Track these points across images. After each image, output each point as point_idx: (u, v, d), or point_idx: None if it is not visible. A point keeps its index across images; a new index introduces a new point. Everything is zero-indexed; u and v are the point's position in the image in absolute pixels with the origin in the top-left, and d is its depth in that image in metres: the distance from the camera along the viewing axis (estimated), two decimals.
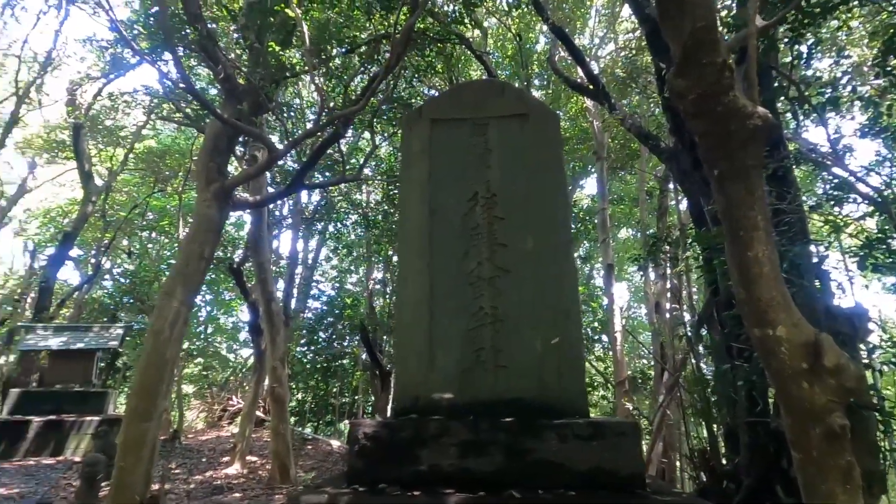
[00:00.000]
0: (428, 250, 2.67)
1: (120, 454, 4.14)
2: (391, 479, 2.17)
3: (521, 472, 2.10)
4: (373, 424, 2.30)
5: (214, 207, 4.96)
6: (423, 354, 2.50)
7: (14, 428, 8.94)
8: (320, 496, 2.04)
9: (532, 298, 2.51)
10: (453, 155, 2.83)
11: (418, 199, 2.77)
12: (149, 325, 12.32)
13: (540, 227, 2.64)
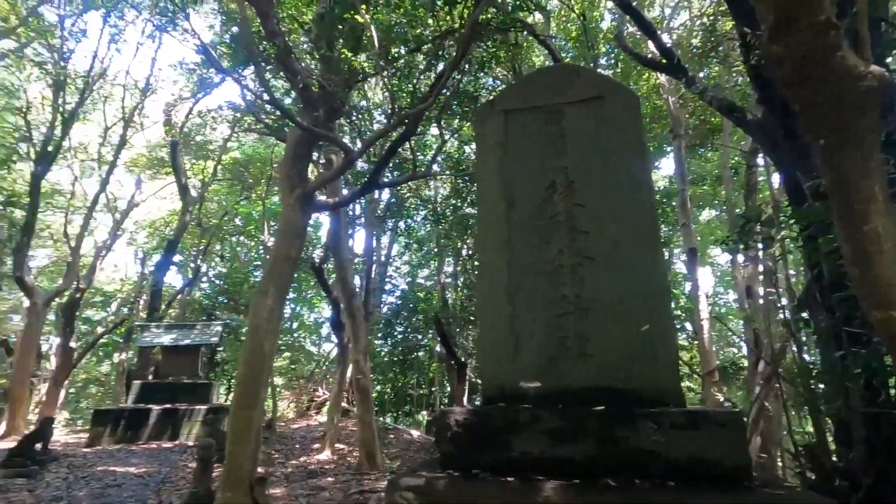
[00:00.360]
0: (507, 241, 2.69)
1: (230, 439, 4.57)
2: (483, 465, 2.23)
3: (613, 461, 2.08)
4: (463, 412, 2.37)
5: (298, 211, 5.29)
6: (507, 344, 2.53)
7: (138, 415, 10.11)
8: (418, 479, 2.14)
9: (618, 285, 2.46)
10: (529, 145, 2.82)
11: (495, 191, 2.79)
12: (246, 323, 13.35)
13: (623, 212, 2.57)
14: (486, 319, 2.67)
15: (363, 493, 6.60)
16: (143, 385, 11.05)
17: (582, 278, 2.55)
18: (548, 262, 2.62)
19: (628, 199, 2.60)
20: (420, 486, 2.09)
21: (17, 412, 11.85)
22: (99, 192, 14.22)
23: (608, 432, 2.10)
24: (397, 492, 2.10)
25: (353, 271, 8.48)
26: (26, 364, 12.64)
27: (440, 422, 2.39)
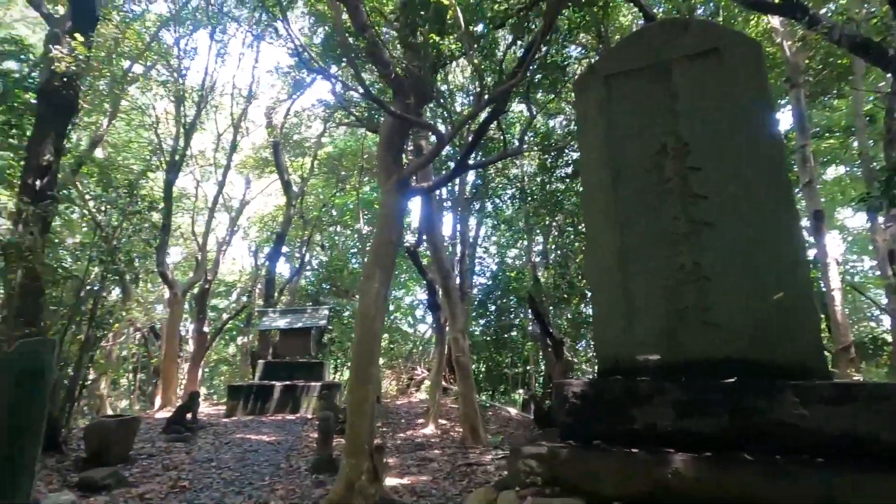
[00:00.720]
0: (615, 211, 2.61)
1: (350, 411, 4.97)
2: (603, 436, 2.23)
3: (748, 434, 1.98)
4: (580, 384, 2.38)
5: (396, 196, 5.52)
6: (622, 316, 2.48)
7: (264, 390, 11.30)
8: (539, 448, 2.20)
9: (745, 251, 2.29)
10: (634, 109, 2.69)
11: (600, 160, 2.71)
12: (348, 305, 14.23)
13: (746, 172, 2.38)
14: (599, 292, 2.64)
15: (469, 465, 6.86)
16: (266, 364, 12.32)
17: (701, 245, 2.41)
18: (661, 231, 2.51)
19: (753, 158, 2.39)
20: (543, 455, 2.15)
21: (168, 388, 13.86)
22: (218, 194, 15.89)
23: (743, 405, 1.99)
24: (521, 460, 2.18)
25: (447, 253, 8.67)
26: (173, 346, 14.64)
27: (557, 394, 2.43)
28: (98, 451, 6.75)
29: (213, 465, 7.01)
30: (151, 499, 5.63)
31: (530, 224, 13.88)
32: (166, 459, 7.29)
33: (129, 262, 8.90)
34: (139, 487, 6.01)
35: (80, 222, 14.45)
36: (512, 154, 6.41)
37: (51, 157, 7.60)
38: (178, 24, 13.54)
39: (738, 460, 1.88)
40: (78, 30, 7.65)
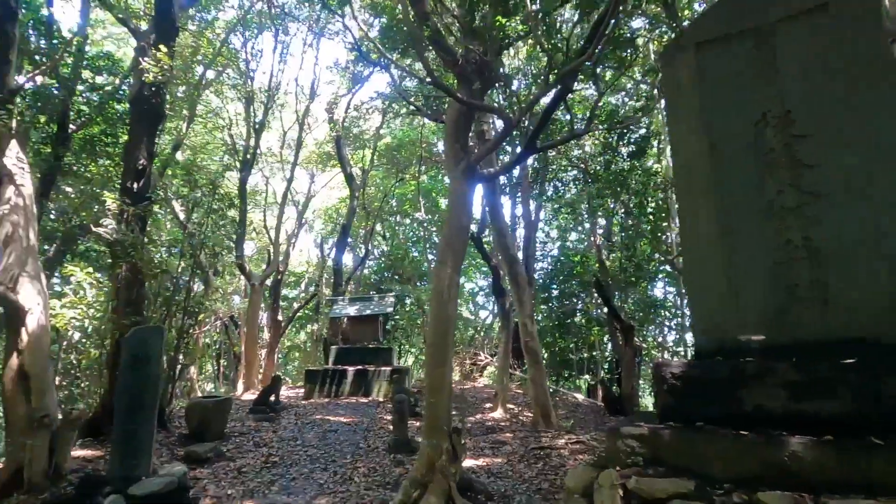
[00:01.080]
0: (712, 185, 2.50)
1: (428, 393, 5.12)
2: (705, 418, 2.17)
3: (877, 418, 1.85)
4: (679, 365, 2.32)
5: (465, 183, 5.56)
6: (722, 295, 2.38)
7: (338, 374, 11.85)
8: (639, 429, 2.18)
9: (868, 224, 2.12)
10: (730, 76, 2.54)
11: (693, 133, 2.59)
12: (409, 291, 14.53)
13: (865, 137, 2.19)
14: (696, 270, 2.54)
15: (542, 448, 6.87)
16: (338, 350, 12.89)
17: (811, 219, 2.26)
18: (765, 204, 2.38)
19: (873, 121, 2.20)
20: (644, 436, 2.12)
21: (250, 372, 14.87)
22: (286, 189, 16.68)
23: (870, 387, 1.87)
24: (620, 440, 2.17)
25: (511, 238, 8.63)
26: (253, 334, 15.66)
27: (655, 374, 2.38)
28: (198, 428, 7.40)
29: (299, 444, 7.49)
30: (247, 472, 6.12)
31: (594, 206, 13.49)
32: (256, 437, 7.87)
33: (214, 256, 9.56)
34: (236, 461, 6.55)
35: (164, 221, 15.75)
36: (579, 134, 6.24)
37: (144, 161, 8.28)
38: (244, 28, 14.21)
39: (865, 445, 1.77)
40: (161, 41, 8.22)
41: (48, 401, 5.67)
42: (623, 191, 12.49)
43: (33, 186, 6.50)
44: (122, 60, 11.85)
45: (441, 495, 4.64)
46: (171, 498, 4.80)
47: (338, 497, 5.26)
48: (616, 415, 10.41)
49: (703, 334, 2.47)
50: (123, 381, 5.03)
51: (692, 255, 2.57)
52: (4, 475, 5.38)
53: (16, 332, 5.66)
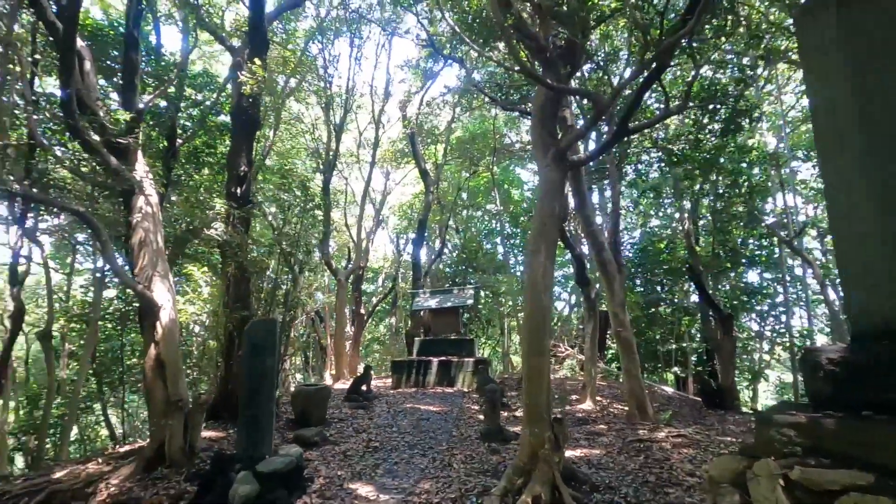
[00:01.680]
0: (865, 153, 2.27)
1: (526, 382, 5.13)
2: (872, 405, 2.00)
3: None
4: (836, 350, 2.16)
5: (555, 170, 5.47)
6: (885, 273, 2.16)
7: (422, 365, 12.19)
8: (794, 417, 2.05)
9: None
10: (883, 36, 2.29)
11: (840, 99, 2.37)
12: (484, 280, 14.55)
13: None
14: (852, 249, 2.33)
15: (641, 441, 6.64)
16: (421, 342, 13.26)
17: None
18: None
19: None
20: (803, 424, 2.00)
21: (340, 363, 15.70)
22: (366, 187, 17.34)
23: None
24: (773, 429, 2.06)
25: (598, 225, 8.38)
26: (341, 326, 16.50)
27: (808, 361, 2.22)
28: (302, 414, 7.95)
29: (395, 430, 7.81)
30: (352, 455, 6.48)
31: (681, 189, 12.73)
32: (354, 423, 8.31)
33: (307, 254, 10.15)
34: (340, 445, 6.96)
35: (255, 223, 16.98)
36: (674, 112, 5.90)
37: (245, 168, 8.98)
38: (321, 35, 14.88)
39: None
40: (255, 55, 8.84)
41: (180, 386, 6.36)
42: (713, 171, 11.69)
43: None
44: (218, 76, 12.85)
45: (545, 483, 4.64)
46: (291, 476, 5.21)
47: (440, 482, 5.42)
48: (715, 409, 9.84)
49: (863, 316, 2.26)
50: (245, 370, 5.53)
51: (848, 232, 2.35)
52: (150, 451, 6.12)
53: (152, 326, 6.39)
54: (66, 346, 15.12)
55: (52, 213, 12.14)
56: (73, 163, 7.51)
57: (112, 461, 6.70)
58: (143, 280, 6.38)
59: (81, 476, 6.16)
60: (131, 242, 6.69)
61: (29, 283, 15.81)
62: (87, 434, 17.47)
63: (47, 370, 12.01)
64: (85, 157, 7.76)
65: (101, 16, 12.23)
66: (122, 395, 15.32)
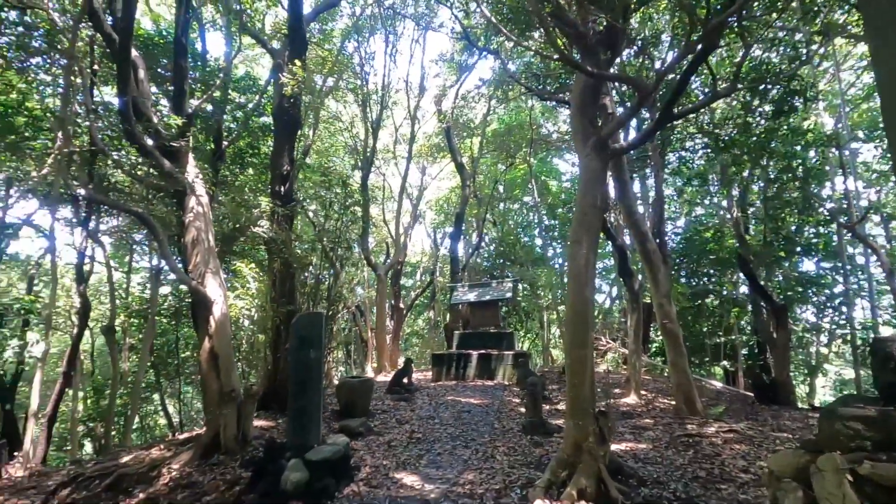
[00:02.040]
0: None
1: (570, 374, 5.08)
2: None
3: None
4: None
5: (596, 159, 5.36)
6: None
7: (462, 358, 12.24)
8: (862, 410, 1.95)
9: None
10: None
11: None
12: (522, 273, 14.45)
13: None
14: None
15: (690, 436, 6.46)
16: (461, 335, 13.32)
17: None
18: None
19: None
20: (872, 418, 1.89)
21: (381, 355, 16.00)
22: (403, 183, 17.50)
23: None
24: (839, 422, 1.96)
25: (641, 215, 8.14)
26: (382, 320, 16.79)
27: (877, 352, 2.10)
28: (347, 404, 8.16)
29: (437, 422, 7.91)
30: (396, 446, 6.61)
31: (728, 175, 12.18)
32: (397, 415, 8.47)
33: (348, 249, 10.36)
34: (384, 436, 7.11)
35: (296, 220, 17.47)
36: (723, 95, 5.65)
37: (288, 167, 9.25)
38: (357, 34, 15.07)
39: None
40: (295, 56, 9.07)
41: (233, 378, 6.66)
42: (764, 155, 11.12)
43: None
44: (259, 79, 13.25)
45: (591, 476, 4.59)
46: (339, 464, 5.38)
47: (483, 474, 5.46)
48: (768, 404, 9.42)
49: None
50: (293, 362, 5.73)
51: None
52: (206, 439, 6.45)
53: (205, 320, 6.72)
54: (126, 339, 16.07)
55: (111, 215, 12.96)
56: (130, 167, 7.96)
57: (172, 447, 7.11)
58: (196, 276, 6.70)
59: (146, 461, 6.58)
60: (184, 241, 7.04)
61: (91, 282, 16.92)
62: (147, 422, 18.61)
63: (111, 362, 12.83)
64: (140, 162, 8.22)
65: (151, 26, 12.86)
66: (178, 386, 16.22)
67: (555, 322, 23.87)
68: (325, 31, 14.37)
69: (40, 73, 10.42)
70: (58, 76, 10.05)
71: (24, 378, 13.45)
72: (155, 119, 7.10)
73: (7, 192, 11.09)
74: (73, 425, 12.91)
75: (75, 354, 10.77)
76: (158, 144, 6.91)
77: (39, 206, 12.11)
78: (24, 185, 10.66)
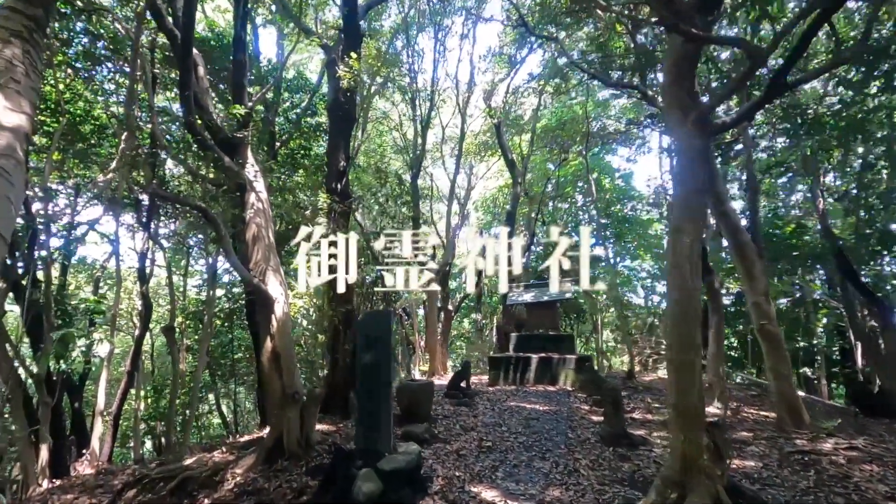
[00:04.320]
0: None
1: (675, 379, 4.45)
2: None
3: None
4: None
5: (699, 136, 4.72)
6: None
7: (521, 362, 11.64)
8: None
9: None
10: None
11: None
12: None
13: None
14: None
15: (803, 453, 5.65)
16: (518, 337, 12.73)
17: None
18: None
19: None
20: None
21: (434, 358, 15.61)
22: (453, 181, 17.10)
23: None
24: None
25: (731, 206, 7.35)
26: (433, 322, 16.42)
27: None
28: (408, 408, 7.75)
29: (505, 430, 7.37)
30: (466, 455, 6.12)
31: (815, 161, 11.04)
32: (461, 421, 7.98)
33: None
34: (451, 444, 6.64)
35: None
36: (846, 60, 4.89)
37: (344, 163, 9.01)
38: (406, 31, 14.82)
39: None
40: (350, 49, 8.82)
41: (296, 379, 6.38)
42: (857, 139, 9.98)
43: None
44: (310, 80, 13.19)
45: (707, 499, 3.96)
46: (413, 475, 4.95)
47: (571, 491, 4.90)
48: (876, 416, 8.33)
49: None
50: (360, 364, 5.36)
51: None
52: (269, 442, 6.18)
53: (267, 319, 6.47)
54: (184, 341, 16.41)
55: (171, 218, 13.21)
56: (191, 165, 7.89)
57: (234, 450, 6.92)
58: (257, 274, 6.48)
59: (209, 464, 6.39)
60: (245, 238, 6.85)
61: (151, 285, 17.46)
62: (202, 422, 18.99)
63: (172, 362, 13.03)
64: (200, 157, 8.16)
65: (205, 31, 13.05)
66: (233, 387, 16.40)
67: (608, 325, 22.80)
68: (374, 28, 14.19)
69: (105, 82, 10.70)
70: (122, 84, 10.27)
71: (91, 377, 13.90)
72: (214, 115, 6.97)
73: (75, 199, 11.45)
74: (135, 424, 13.19)
75: (138, 354, 10.92)
76: (218, 140, 6.77)
77: (104, 212, 12.47)
78: (91, 191, 10.96)
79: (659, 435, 6.91)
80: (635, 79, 9.25)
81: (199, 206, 6.08)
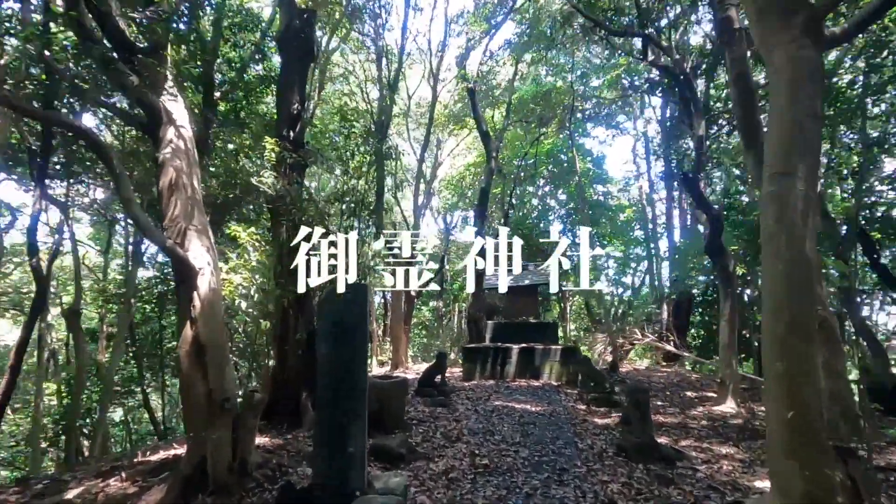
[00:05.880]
0: None
1: (785, 381, 3.09)
2: None
3: None
4: None
5: (810, 46, 3.38)
6: None
7: (500, 353, 10.27)
8: None
9: None
10: None
11: None
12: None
13: None
14: None
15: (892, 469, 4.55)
16: (495, 325, 11.36)
17: None
18: None
19: None
20: None
21: (398, 349, 14.01)
22: (422, 154, 15.41)
23: None
24: None
25: None
26: (398, 309, 14.79)
27: None
28: (378, 412, 6.14)
29: (498, 438, 5.94)
30: (460, 480, 4.62)
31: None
32: (440, 427, 6.47)
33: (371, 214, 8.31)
34: (436, 462, 5.12)
35: None
36: None
37: (298, 105, 7.18)
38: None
39: None
40: None
41: (227, 381, 4.62)
42: (858, 116, 9.24)
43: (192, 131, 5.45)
44: (261, 15, 11.02)
45: None
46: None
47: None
48: (893, 414, 7.55)
49: None
50: (323, 359, 3.71)
51: None
52: (187, 468, 4.40)
53: (188, 298, 4.65)
54: (104, 328, 14.02)
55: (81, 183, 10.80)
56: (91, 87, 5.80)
57: (139, 476, 5.07)
58: (173, 234, 4.64)
59: (98, 499, 4.55)
60: (160, 186, 4.96)
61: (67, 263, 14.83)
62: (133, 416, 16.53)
63: (76, 352, 10.75)
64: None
65: None
66: (162, 380, 14.14)
67: (574, 315, 21.96)
68: None
69: None
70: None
71: None
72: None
73: None
74: (34, 431, 10.84)
75: (25, 345, 8.66)
76: (126, 60, 4.83)
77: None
78: None
79: (690, 445, 5.69)
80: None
81: (77, 126, 4.16)
